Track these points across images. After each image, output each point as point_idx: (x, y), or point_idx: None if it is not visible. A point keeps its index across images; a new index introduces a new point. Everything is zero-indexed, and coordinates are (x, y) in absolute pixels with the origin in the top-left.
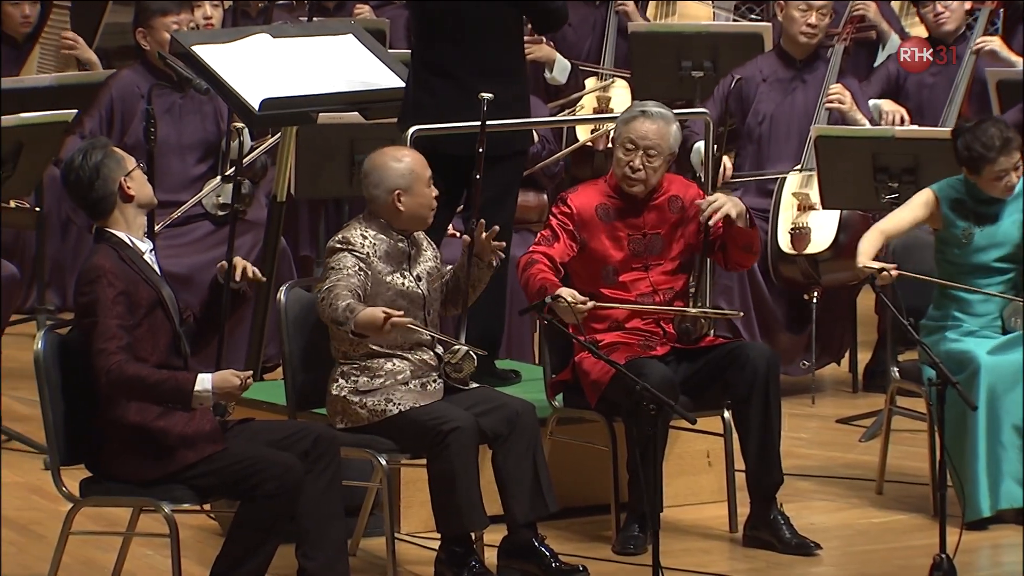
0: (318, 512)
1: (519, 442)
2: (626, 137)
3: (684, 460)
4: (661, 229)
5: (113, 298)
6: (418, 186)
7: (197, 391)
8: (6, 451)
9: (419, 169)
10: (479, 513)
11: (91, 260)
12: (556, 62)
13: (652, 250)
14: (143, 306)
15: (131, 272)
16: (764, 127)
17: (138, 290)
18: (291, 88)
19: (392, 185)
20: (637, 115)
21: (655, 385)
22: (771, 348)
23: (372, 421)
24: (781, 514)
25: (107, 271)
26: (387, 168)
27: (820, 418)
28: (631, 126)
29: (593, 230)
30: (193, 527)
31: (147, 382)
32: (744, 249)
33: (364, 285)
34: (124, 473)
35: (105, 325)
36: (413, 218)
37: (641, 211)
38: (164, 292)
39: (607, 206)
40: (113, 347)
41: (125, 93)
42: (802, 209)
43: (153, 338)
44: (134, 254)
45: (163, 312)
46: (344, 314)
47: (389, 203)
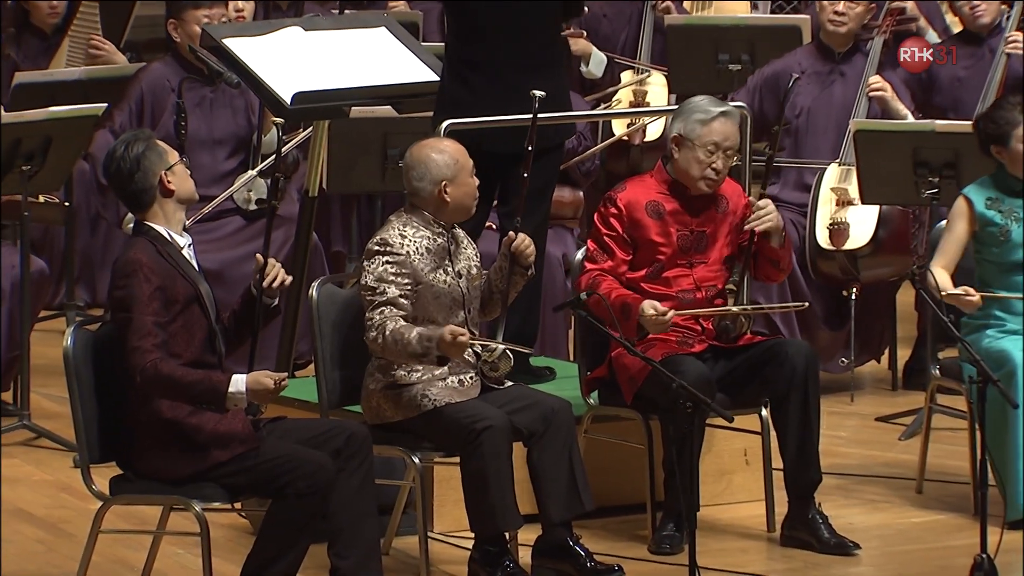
0: (351, 511)
1: (554, 440)
2: (709, 140)
3: (721, 458)
4: (708, 227)
5: (149, 293)
6: (463, 176)
7: (231, 392)
8: (36, 449)
9: (463, 159)
10: (513, 512)
11: (127, 253)
12: (592, 56)
13: (698, 248)
14: (179, 301)
15: (168, 267)
16: (801, 120)
17: (175, 285)
18: (323, 82)
19: (438, 176)
20: (717, 116)
21: (692, 382)
22: (810, 345)
23: (407, 416)
24: (819, 513)
25: (144, 265)
26: (431, 160)
27: (859, 416)
28: (712, 128)
29: (644, 227)
30: (224, 526)
31: (182, 382)
32: (772, 264)
33: (404, 291)
34: (155, 470)
35: (140, 322)
36: (458, 208)
37: (691, 208)
38: (202, 288)
39: (658, 203)
40: (148, 345)
41: (155, 86)
42: (841, 204)
43: (188, 334)
44: (172, 249)
45: (199, 308)
46: (422, 344)
47: (435, 195)
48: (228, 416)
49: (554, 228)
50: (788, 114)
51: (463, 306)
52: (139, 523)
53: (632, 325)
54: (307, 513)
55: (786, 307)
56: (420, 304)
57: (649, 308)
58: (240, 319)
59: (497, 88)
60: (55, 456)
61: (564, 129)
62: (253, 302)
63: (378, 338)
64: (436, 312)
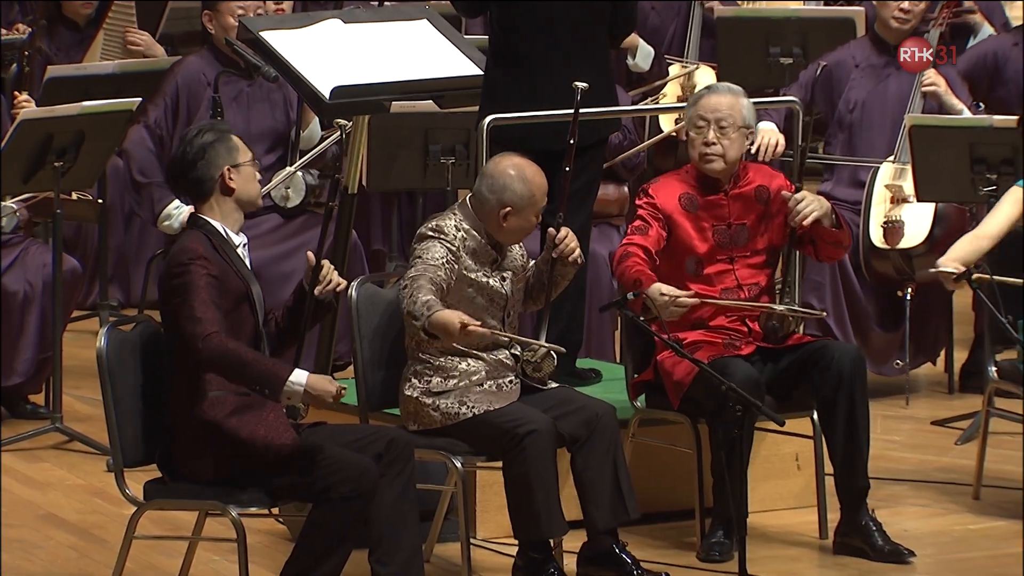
0: (392, 517)
1: (599, 445)
2: (696, 115)
3: (771, 463)
4: (747, 220)
5: (207, 281)
6: (528, 212)
7: (291, 381)
8: (68, 452)
9: (539, 196)
10: (558, 519)
11: (184, 243)
12: (639, 48)
13: (737, 242)
14: (231, 297)
15: (222, 262)
16: (855, 115)
17: (228, 280)
18: (363, 76)
19: (508, 200)
20: (703, 92)
21: (740, 385)
22: (858, 348)
23: (445, 424)
24: (873, 520)
25: (200, 254)
26: (509, 180)
27: (914, 420)
28: (699, 104)
29: (677, 221)
30: (261, 531)
31: (244, 358)
32: (834, 245)
33: (449, 279)
34: (195, 471)
35: (201, 300)
36: (510, 235)
37: (726, 200)
38: (253, 288)
39: (691, 195)
40: (209, 317)
41: (191, 80)
42: (895, 202)
43: (236, 329)
44: (227, 245)
45: (249, 307)
46: (421, 309)
47: (495, 214)
48: (270, 419)
49: (599, 226)
50: (841, 109)
51: (503, 308)
52: (174, 528)
53: (637, 303)
54: (350, 518)
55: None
56: (458, 302)
57: (657, 291)
58: (293, 315)
59: (543, 82)
60: (88, 460)
61: (608, 124)
62: (303, 301)
63: (407, 287)
64: (473, 311)
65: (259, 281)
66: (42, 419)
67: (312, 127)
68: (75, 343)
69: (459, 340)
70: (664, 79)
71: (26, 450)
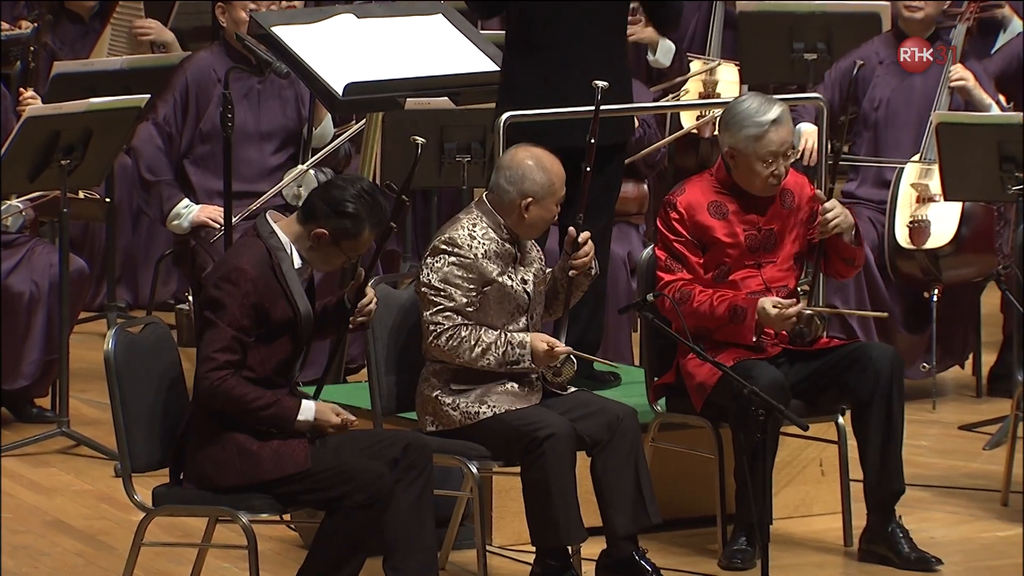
0: (407, 524)
1: (619, 449)
2: (766, 152)
3: (795, 468)
4: (775, 225)
5: (243, 308)
6: (549, 201)
7: (300, 420)
8: (75, 457)
9: (558, 185)
10: (576, 525)
11: (241, 257)
12: (660, 44)
13: (767, 247)
14: (273, 324)
15: (275, 284)
16: (880, 113)
17: (275, 306)
18: (377, 72)
19: (528, 190)
20: (768, 128)
21: (765, 388)
22: (895, 348)
23: (464, 424)
24: (900, 527)
25: (249, 278)
26: (528, 171)
27: (941, 424)
28: (768, 140)
29: (709, 229)
30: (272, 538)
31: (250, 405)
32: (846, 262)
33: (474, 303)
34: (205, 477)
35: (222, 333)
36: (531, 228)
37: (756, 205)
38: (301, 313)
39: (719, 203)
40: (222, 360)
41: (201, 77)
42: (921, 201)
43: (268, 352)
44: (287, 265)
45: (291, 335)
46: (516, 352)
47: (515, 206)
48: None
49: (618, 225)
50: (866, 107)
51: (526, 312)
52: (183, 535)
53: (751, 326)
54: (364, 526)
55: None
56: (481, 308)
57: (771, 306)
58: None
59: (561, 77)
60: (95, 465)
61: (624, 130)
62: (344, 312)
63: (453, 349)
64: (496, 317)
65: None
66: (48, 423)
67: (324, 124)
68: (82, 345)
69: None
70: (685, 76)
71: (32, 455)
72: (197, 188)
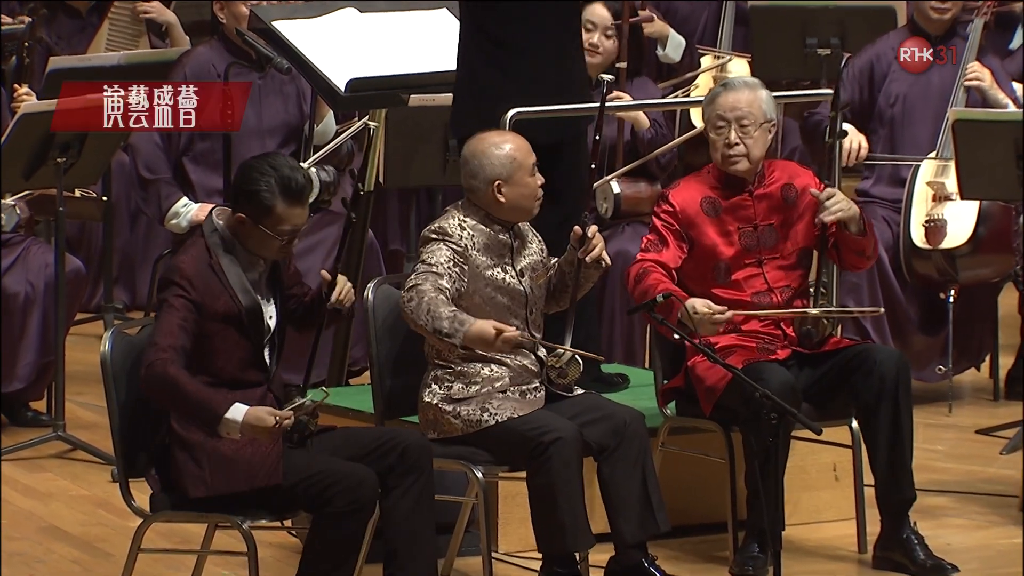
0: (407, 529)
1: (627, 454)
2: (714, 115)
3: (808, 474)
4: (773, 220)
5: (182, 303)
6: (520, 175)
7: (227, 418)
8: (71, 462)
9: (521, 157)
10: (584, 532)
11: (177, 258)
12: (669, 38)
13: (765, 243)
14: (217, 318)
15: (214, 281)
16: (896, 110)
17: (216, 303)
18: (380, 67)
19: (491, 175)
20: (718, 91)
21: (776, 391)
22: (901, 351)
23: (467, 432)
24: (915, 533)
25: (185, 276)
26: (486, 156)
27: (958, 428)
28: (716, 103)
29: (700, 226)
30: (273, 544)
31: (181, 389)
32: (857, 254)
33: (459, 284)
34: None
35: (167, 321)
36: (515, 209)
37: (752, 201)
38: (245, 307)
39: (713, 199)
40: (165, 343)
41: (200, 72)
42: (937, 200)
43: (226, 352)
44: (229, 262)
45: (238, 328)
46: (452, 326)
47: (489, 194)
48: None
49: (632, 224)
50: (882, 103)
51: (525, 306)
52: (182, 542)
53: (671, 321)
54: (351, 532)
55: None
56: (474, 304)
57: (702, 305)
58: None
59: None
60: (92, 470)
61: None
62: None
63: (412, 299)
64: (491, 312)
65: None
66: (44, 427)
67: (326, 121)
68: (78, 347)
69: (497, 349)
70: (696, 71)
71: (27, 459)
72: (196, 186)
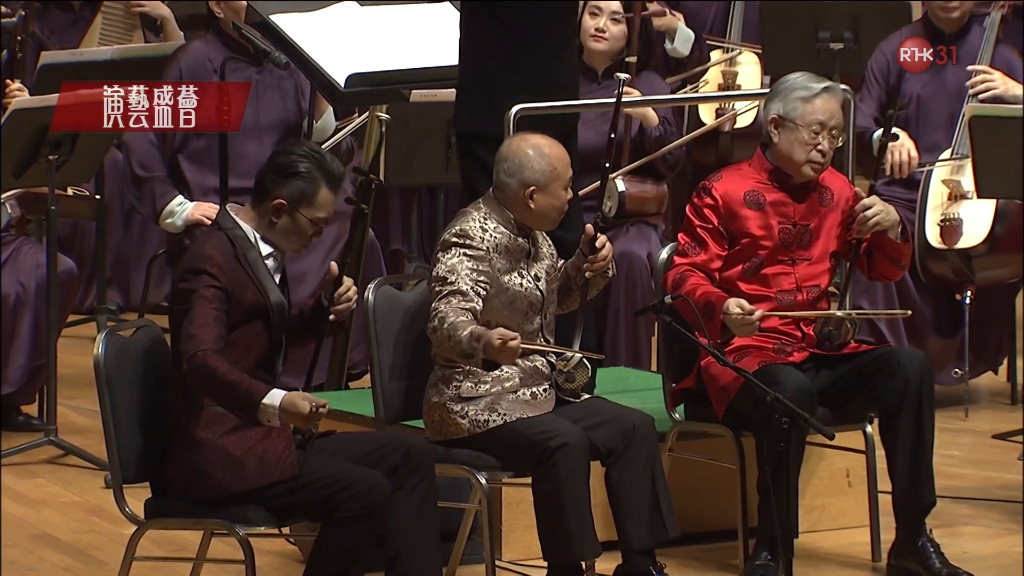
0: (410, 535)
1: (636, 459)
2: (813, 119)
3: (821, 480)
4: (811, 221)
5: (214, 294)
6: (555, 186)
7: (265, 404)
8: (63, 467)
9: (561, 168)
10: (590, 539)
11: (202, 247)
12: (677, 31)
13: (801, 243)
14: (243, 312)
15: (242, 272)
16: (911, 110)
17: (244, 294)
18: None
19: (529, 179)
20: (819, 92)
21: (790, 395)
22: (924, 354)
23: (473, 432)
24: (931, 541)
25: (216, 263)
26: (528, 158)
27: (974, 433)
28: (815, 106)
29: (742, 219)
30: (271, 552)
31: (223, 379)
32: (892, 261)
33: (485, 292)
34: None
35: (203, 313)
36: (541, 218)
37: (793, 198)
38: (272, 302)
39: (757, 192)
40: (205, 335)
41: (196, 67)
42: (953, 199)
43: (245, 345)
44: (253, 254)
45: (264, 323)
46: (471, 344)
47: (520, 197)
48: (273, 437)
49: (638, 225)
50: None
51: (540, 311)
52: (177, 549)
53: (716, 326)
54: (360, 538)
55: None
56: (492, 309)
57: (735, 307)
58: (307, 324)
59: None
60: (85, 475)
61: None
62: (322, 311)
63: (437, 329)
64: (509, 318)
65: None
66: (35, 431)
67: (326, 117)
68: (71, 350)
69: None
70: (705, 65)
71: (18, 465)
72: (192, 184)
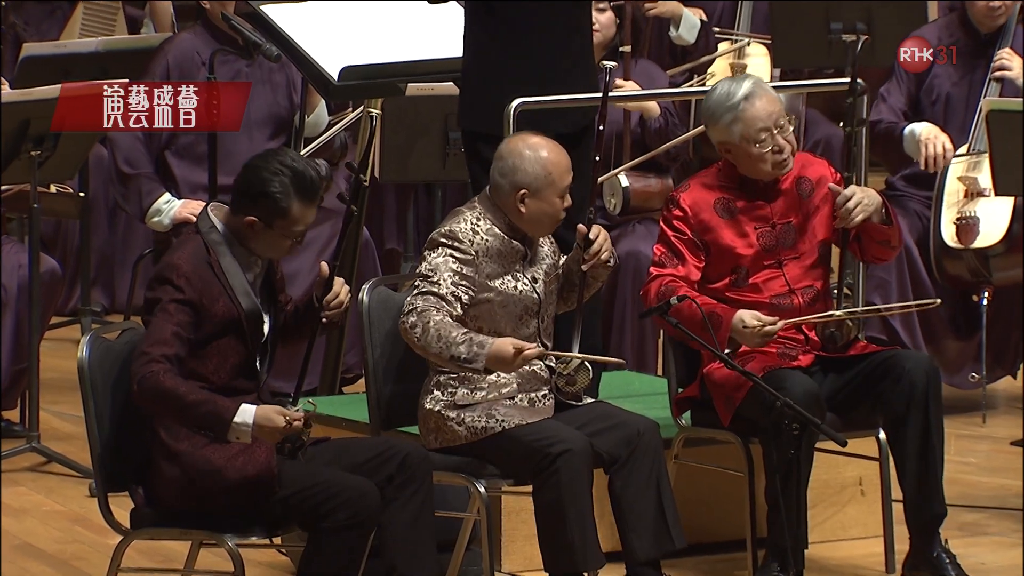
0: (406, 546)
1: (640, 466)
2: (755, 130)
3: (832, 488)
4: (792, 217)
5: (178, 304)
6: (548, 192)
7: (236, 423)
8: (46, 475)
9: (557, 174)
10: (593, 550)
11: (172, 254)
12: (683, 18)
13: (784, 243)
14: (216, 322)
15: (213, 281)
16: (938, 109)
17: (214, 304)
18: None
19: (520, 182)
20: (742, 102)
21: (799, 400)
22: (931, 357)
23: (471, 440)
24: (946, 551)
25: (182, 273)
26: (522, 159)
27: (992, 440)
28: (748, 116)
29: (715, 229)
30: (261, 563)
31: (183, 400)
32: (881, 244)
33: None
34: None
35: (159, 328)
36: (532, 224)
37: (767, 199)
38: (246, 310)
39: (726, 199)
40: (157, 353)
41: (183, 60)
42: (969, 196)
43: (221, 356)
44: (229, 261)
45: (237, 334)
46: (472, 350)
47: (511, 199)
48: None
49: (643, 222)
50: (923, 99)
51: (536, 314)
52: (164, 560)
53: (723, 336)
54: (350, 548)
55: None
56: (486, 313)
57: (751, 318)
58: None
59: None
60: (68, 483)
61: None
62: (312, 311)
63: (416, 326)
64: (504, 322)
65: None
66: (17, 438)
67: (318, 112)
68: (54, 353)
69: (517, 368)
70: (711, 55)
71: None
72: (179, 181)
